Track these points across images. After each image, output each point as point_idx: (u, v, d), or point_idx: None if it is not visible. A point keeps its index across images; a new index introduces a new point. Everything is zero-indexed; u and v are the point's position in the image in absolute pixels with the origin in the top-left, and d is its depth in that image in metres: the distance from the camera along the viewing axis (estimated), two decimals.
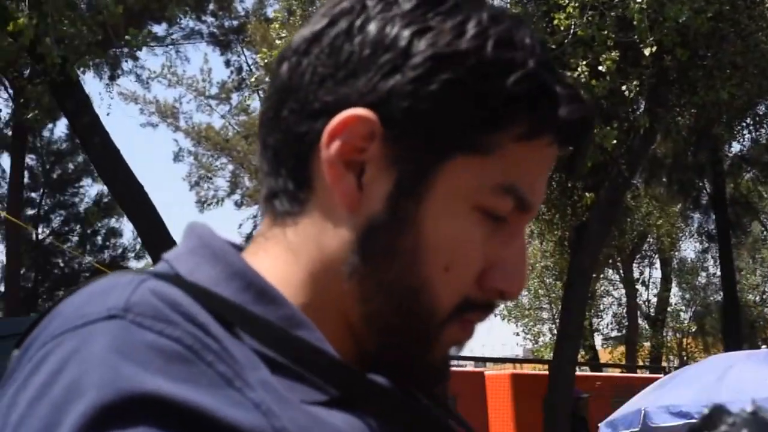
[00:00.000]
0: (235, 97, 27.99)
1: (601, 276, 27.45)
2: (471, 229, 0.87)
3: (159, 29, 24.24)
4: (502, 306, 28.77)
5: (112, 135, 11.27)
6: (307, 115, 0.87)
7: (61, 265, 25.04)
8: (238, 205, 31.51)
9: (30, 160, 25.15)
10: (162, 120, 29.67)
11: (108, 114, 42.45)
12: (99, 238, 26.33)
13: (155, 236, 11.18)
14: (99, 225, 26.29)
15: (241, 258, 0.88)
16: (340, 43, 0.88)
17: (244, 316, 0.81)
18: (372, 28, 0.87)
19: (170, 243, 10.71)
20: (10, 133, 22.69)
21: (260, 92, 27.63)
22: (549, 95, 0.87)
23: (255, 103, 30.62)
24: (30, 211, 25.34)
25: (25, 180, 24.35)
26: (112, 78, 23.01)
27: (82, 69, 11.21)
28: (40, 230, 25.67)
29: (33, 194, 25.72)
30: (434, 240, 0.86)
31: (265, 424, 0.73)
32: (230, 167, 31.11)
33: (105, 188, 22.20)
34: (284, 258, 0.89)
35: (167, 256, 0.89)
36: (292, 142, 0.88)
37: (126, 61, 23.57)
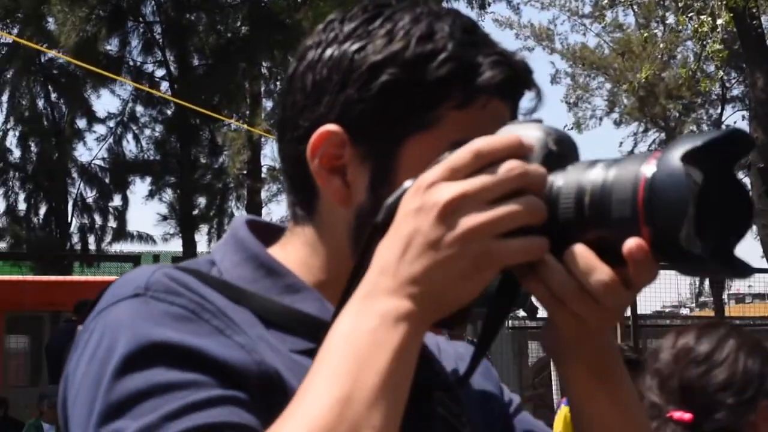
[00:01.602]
0: (608, 15, 27.52)
1: None
2: None
3: None
4: None
5: None
6: (297, 141, 1.10)
7: None
8: (617, 123, 31.20)
9: None
10: (537, 43, 29.91)
11: None
12: None
13: None
14: None
15: (259, 244, 1.14)
16: (308, 75, 1.09)
17: (241, 292, 1.07)
18: (326, 54, 1.08)
19: None
20: None
21: (634, 7, 27.04)
22: (469, 68, 1.05)
23: (629, 19, 30.06)
24: None
25: None
26: (483, 6, 23.50)
27: None
28: None
29: None
30: None
31: (248, 359, 0.98)
32: (607, 86, 30.82)
33: None
34: (304, 250, 1.14)
35: (212, 248, 1.14)
36: (293, 164, 1.12)
37: None
